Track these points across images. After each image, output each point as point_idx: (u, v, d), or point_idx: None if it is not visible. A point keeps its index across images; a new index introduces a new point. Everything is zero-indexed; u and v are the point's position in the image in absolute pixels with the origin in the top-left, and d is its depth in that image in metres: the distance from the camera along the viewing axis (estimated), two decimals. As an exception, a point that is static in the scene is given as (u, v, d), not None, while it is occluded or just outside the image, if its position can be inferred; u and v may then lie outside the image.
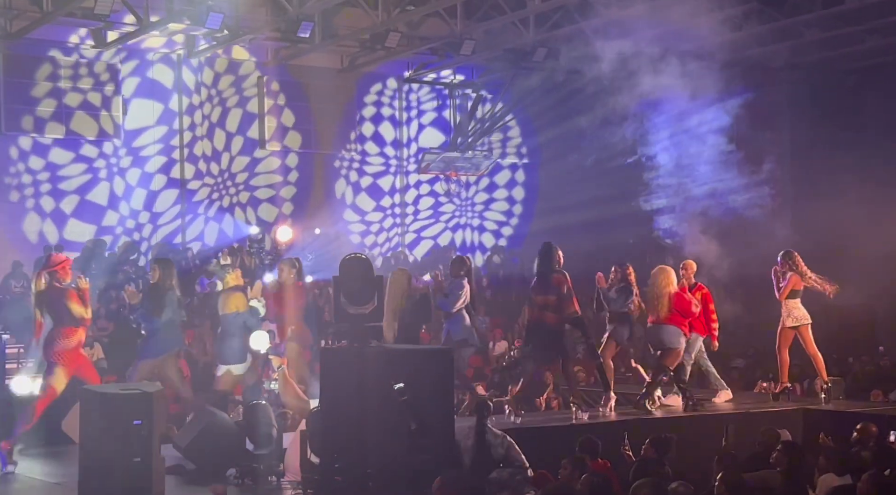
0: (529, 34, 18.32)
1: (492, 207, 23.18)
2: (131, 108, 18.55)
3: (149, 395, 6.49)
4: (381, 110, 21.54)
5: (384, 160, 21.58)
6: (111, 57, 18.25)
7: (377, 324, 6.26)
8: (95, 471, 6.50)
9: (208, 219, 19.48)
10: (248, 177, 19.90)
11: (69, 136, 17.99)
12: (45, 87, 17.70)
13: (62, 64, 17.86)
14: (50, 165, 17.93)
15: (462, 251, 22.11)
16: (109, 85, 18.30)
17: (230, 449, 8.16)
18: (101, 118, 18.27)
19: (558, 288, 9.98)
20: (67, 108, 17.93)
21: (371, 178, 21.37)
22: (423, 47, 19.90)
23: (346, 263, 6.54)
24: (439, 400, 6.00)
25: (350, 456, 6.16)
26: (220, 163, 19.59)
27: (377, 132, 21.43)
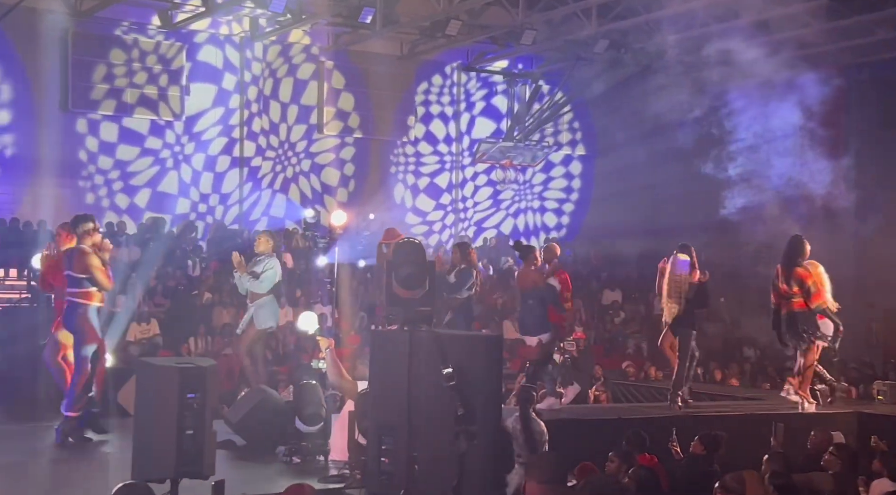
0: (591, 25, 18.19)
1: (546, 196, 23.15)
2: (193, 91, 18.85)
3: (203, 369, 6.59)
4: (439, 99, 21.59)
5: (439, 158, 21.68)
6: (176, 38, 18.55)
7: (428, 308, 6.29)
8: (149, 443, 6.63)
9: (271, 199, 19.74)
10: (305, 157, 20.12)
11: (134, 115, 18.34)
12: (112, 66, 18.05)
13: (129, 43, 18.20)
14: (113, 145, 18.29)
15: (526, 235, 22.23)
16: (174, 65, 18.62)
17: (280, 426, 8.29)
18: (166, 98, 18.60)
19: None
20: (133, 87, 18.27)
21: (428, 178, 21.50)
22: (483, 36, 19.88)
23: (397, 248, 6.59)
24: (487, 387, 6.00)
25: (397, 438, 6.20)
26: (278, 135, 19.81)
27: (429, 131, 21.53)
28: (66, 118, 17.74)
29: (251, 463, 7.99)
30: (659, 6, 16.82)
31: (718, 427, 8.47)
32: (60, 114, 17.63)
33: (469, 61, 21.52)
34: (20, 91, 17.33)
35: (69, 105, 17.74)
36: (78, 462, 8.03)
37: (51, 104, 17.49)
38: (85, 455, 8.23)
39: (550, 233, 23.05)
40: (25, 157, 17.27)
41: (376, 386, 6.52)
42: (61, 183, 17.33)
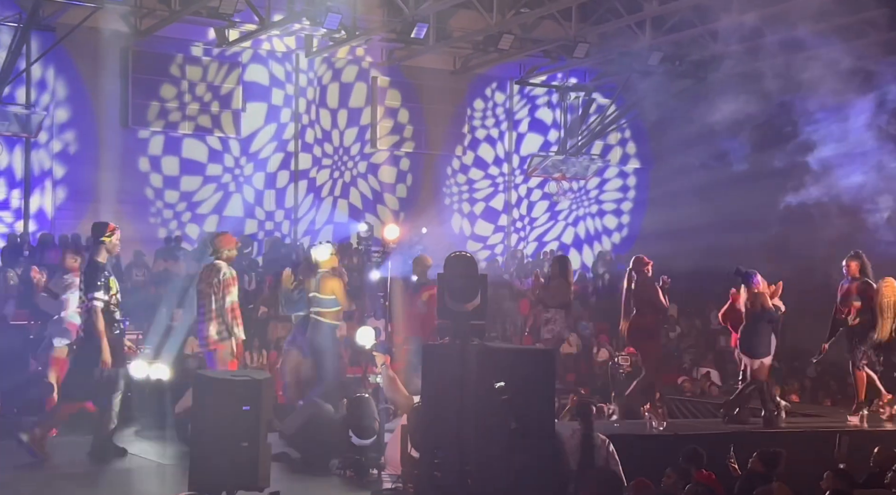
0: (645, 37, 18.08)
1: (602, 199, 23.08)
2: (249, 108, 19.14)
3: (258, 382, 6.68)
4: (493, 112, 21.64)
5: (491, 181, 21.72)
6: (232, 55, 18.85)
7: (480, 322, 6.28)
8: (205, 455, 6.72)
9: (330, 215, 19.95)
10: (361, 159, 20.27)
11: (194, 132, 18.67)
12: (171, 83, 18.39)
13: (187, 62, 18.53)
14: (175, 166, 18.60)
15: (588, 241, 22.20)
16: (230, 82, 18.91)
17: (334, 440, 8.33)
18: (223, 115, 18.90)
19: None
20: (191, 104, 18.59)
21: (483, 203, 21.56)
22: (535, 50, 19.89)
23: (450, 261, 6.60)
24: (540, 401, 5.99)
25: (450, 452, 6.20)
26: (332, 142, 20.00)
27: (479, 156, 21.52)
28: (126, 135, 18.11)
29: (305, 476, 8.05)
30: (714, 17, 16.67)
31: (778, 443, 8.30)
32: (121, 131, 18.01)
33: (522, 75, 21.52)
34: (81, 109, 17.74)
35: (129, 122, 18.11)
36: (138, 473, 8.16)
37: (111, 121, 17.87)
38: (144, 466, 8.35)
39: (612, 235, 22.95)
40: (86, 174, 17.65)
41: (429, 399, 6.53)
42: (121, 199, 17.67)
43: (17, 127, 16.62)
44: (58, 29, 16.52)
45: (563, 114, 22.21)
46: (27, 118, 16.72)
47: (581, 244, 22.61)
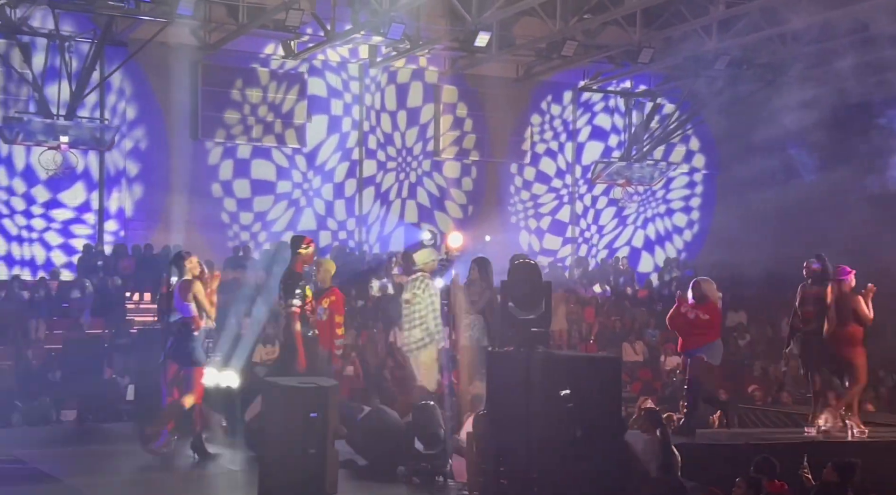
0: (712, 41, 17.86)
1: (670, 199, 22.86)
2: (314, 119, 19.38)
3: (324, 389, 6.75)
4: (559, 118, 21.58)
5: (555, 193, 21.65)
6: (298, 67, 19.12)
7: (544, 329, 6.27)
8: (274, 461, 6.81)
9: (397, 225, 20.11)
10: (424, 157, 20.35)
11: (261, 145, 18.98)
12: (239, 95, 18.73)
13: (254, 74, 18.85)
14: (242, 170, 18.93)
15: (659, 242, 21.97)
16: (296, 93, 19.18)
17: (400, 447, 8.37)
18: (290, 126, 19.18)
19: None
20: (258, 117, 18.91)
21: (549, 218, 21.51)
22: (599, 55, 19.78)
23: (514, 268, 6.60)
24: (606, 409, 5.95)
25: (515, 459, 6.19)
26: (394, 144, 20.15)
27: (541, 171, 21.46)
28: (196, 147, 18.48)
29: (372, 483, 8.09)
30: (783, 19, 16.39)
31: (853, 453, 8.09)
32: (191, 142, 18.38)
33: (585, 81, 21.42)
34: (153, 121, 18.16)
35: (199, 134, 18.48)
36: (208, 479, 8.30)
37: (182, 133, 18.26)
38: (214, 472, 8.49)
39: (683, 233, 22.69)
40: (158, 185, 18.05)
41: (493, 407, 6.53)
42: (191, 209, 18.03)
43: (91, 139, 17.09)
44: (130, 44, 16.95)
45: (627, 119, 22.04)
46: (101, 131, 17.17)
47: (652, 246, 22.42)
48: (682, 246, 22.88)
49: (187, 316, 8.76)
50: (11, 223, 17.24)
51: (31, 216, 17.37)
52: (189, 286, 8.77)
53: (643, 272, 21.79)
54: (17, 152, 17.09)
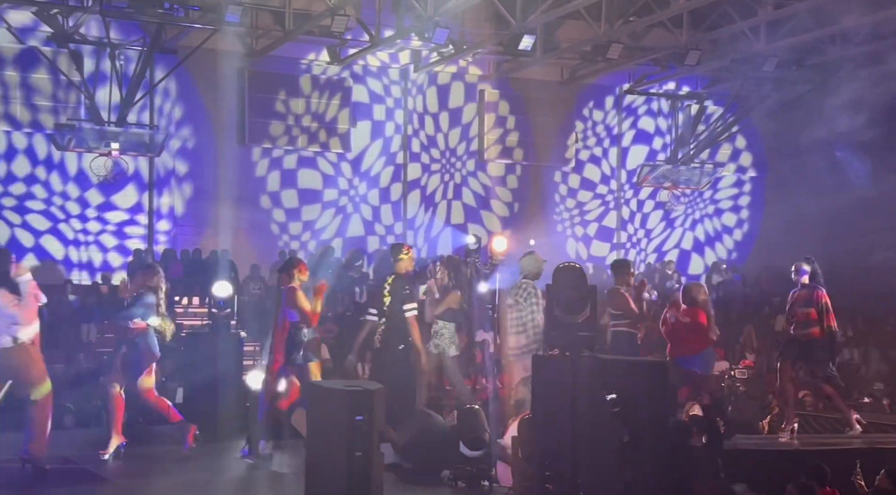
0: (760, 43, 17.64)
1: (718, 199, 22.64)
2: (359, 124, 19.50)
3: (370, 392, 6.78)
4: (592, 133, 21.50)
5: (600, 200, 21.55)
6: (343, 73, 19.25)
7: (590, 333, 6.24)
8: (320, 464, 6.86)
9: (443, 228, 20.16)
10: (468, 171, 20.40)
11: (307, 150, 19.14)
12: (284, 101, 18.91)
13: (299, 80, 19.02)
14: (288, 179, 19.08)
15: (708, 243, 21.73)
16: (341, 99, 19.32)
17: (444, 451, 8.38)
18: (335, 131, 19.32)
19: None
20: (304, 123, 19.07)
21: (596, 224, 21.41)
22: (645, 58, 19.64)
23: (559, 272, 6.58)
24: (653, 414, 5.89)
25: (561, 464, 6.17)
26: (438, 146, 20.19)
27: (585, 178, 21.39)
28: (244, 152, 18.68)
29: (417, 487, 8.11)
30: (833, 20, 16.14)
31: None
32: (238, 148, 18.59)
33: (630, 84, 21.29)
34: (201, 128, 18.40)
35: (246, 140, 18.69)
36: (255, 481, 8.38)
37: (229, 139, 18.49)
38: (262, 475, 8.57)
39: (733, 232, 22.44)
40: (206, 190, 18.29)
41: (539, 411, 6.51)
42: (239, 214, 18.23)
43: (141, 146, 17.36)
44: (179, 51, 17.20)
45: (674, 122, 21.86)
46: (151, 137, 17.44)
47: (702, 247, 22.22)
48: (732, 245, 22.63)
49: (293, 320, 9.01)
50: (68, 227, 17.57)
51: (86, 220, 17.69)
52: (295, 292, 9.04)
53: (694, 274, 21.58)
54: (70, 157, 17.43)
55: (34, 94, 17.11)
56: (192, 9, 16.17)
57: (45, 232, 17.38)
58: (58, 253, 17.50)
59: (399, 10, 17.41)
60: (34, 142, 17.29)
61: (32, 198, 17.28)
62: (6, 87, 16.99)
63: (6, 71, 16.92)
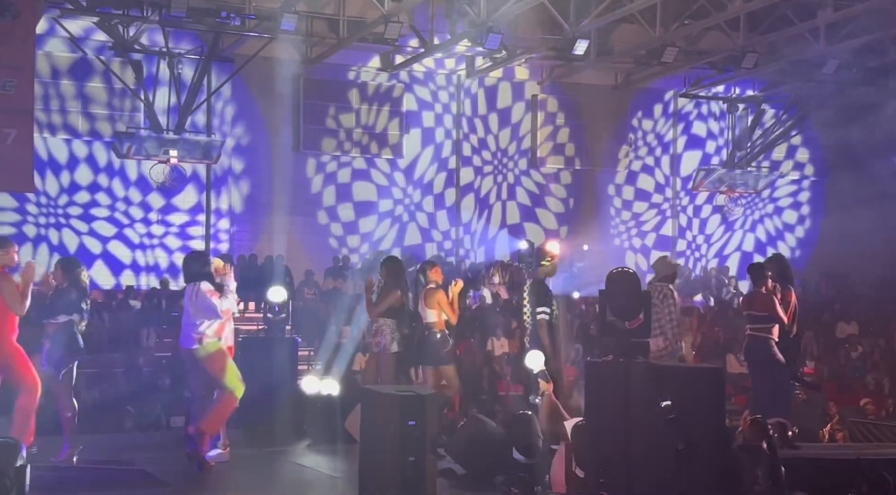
0: (820, 45, 17.34)
1: (776, 197, 22.32)
2: (412, 130, 19.58)
3: (422, 397, 6.78)
4: (643, 143, 21.32)
5: (656, 210, 21.34)
6: (396, 79, 19.36)
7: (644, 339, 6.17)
8: (373, 468, 6.88)
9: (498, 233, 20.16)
10: (520, 170, 20.34)
11: (360, 156, 19.27)
12: (338, 108, 19.06)
13: (353, 87, 19.17)
14: (344, 193, 19.25)
15: (770, 243, 21.46)
16: (394, 106, 19.43)
17: (498, 457, 8.33)
18: (387, 137, 19.43)
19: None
20: (357, 129, 19.21)
21: (654, 234, 21.21)
22: (701, 61, 19.43)
23: (613, 277, 6.52)
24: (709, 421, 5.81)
25: (615, 472, 6.11)
26: (489, 148, 20.18)
27: (640, 188, 21.28)
28: (298, 158, 18.88)
29: (470, 493, 8.08)
30: (894, 22, 15.81)
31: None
32: (293, 154, 18.79)
33: (686, 88, 21.07)
34: (256, 134, 18.65)
35: (300, 146, 18.87)
36: (310, 486, 8.43)
37: (284, 145, 18.69)
38: (317, 478, 8.62)
39: (795, 229, 22.10)
40: (262, 196, 18.52)
41: (592, 418, 6.46)
42: (293, 220, 18.42)
43: (198, 153, 17.65)
44: (235, 59, 17.45)
45: (730, 126, 21.58)
46: (208, 144, 17.72)
47: (763, 248, 21.91)
48: (794, 243, 22.27)
49: (430, 320, 9.45)
50: (133, 232, 17.93)
51: (150, 223, 18.02)
52: (433, 294, 9.43)
53: None
54: (129, 163, 17.78)
55: (90, 102, 17.48)
56: (249, 17, 16.41)
57: (111, 238, 17.75)
58: (125, 257, 17.86)
59: (452, 17, 17.46)
60: (94, 151, 17.66)
61: (97, 205, 17.67)
62: (63, 96, 17.36)
63: (62, 80, 17.28)
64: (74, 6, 16.13)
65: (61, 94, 17.35)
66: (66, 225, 17.48)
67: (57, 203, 17.42)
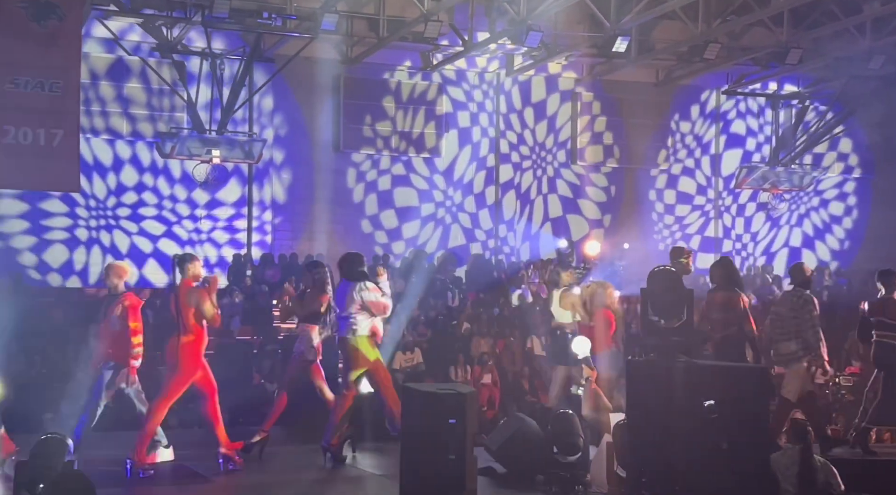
0: (866, 40, 17.05)
1: (825, 209, 22.06)
2: (450, 130, 19.59)
3: (463, 396, 6.79)
4: (682, 146, 21.13)
5: (699, 212, 21.15)
6: (432, 77, 19.37)
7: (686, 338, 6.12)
8: (415, 466, 6.90)
9: (544, 216, 20.09)
10: (560, 172, 20.32)
11: (400, 155, 19.31)
12: (378, 108, 19.13)
13: (393, 86, 19.22)
14: (386, 200, 19.23)
15: (819, 236, 21.29)
16: (433, 104, 19.45)
17: (538, 455, 8.32)
18: (427, 137, 19.45)
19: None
20: (399, 128, 19.26)
21: (699, 236, 21.05)
22: (744, 58, 19.21)
23: (654, 276, 6.47)
24: (753, 421, 5.74)
25: (657, 471, 6.06)
26: (526, 143, 20.13)
27: (681, 192, 21.09)
28: (339, 159, 18.96)
29: (511, 491, 8.08)
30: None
31: None
32: (333, 154, 18.88)
33: (728, 85, 20.85)
34: (297, 135, 18.76)
35: (341, 146, 18.97)
36: (352, 483, 8.48)
37: (325, 146, 18.79)
38: (360, 476, 8.67)
39: (842, 221, 21.83)
40: (302, 196, 18.63)
41: (634, 417, 6.42)
42: (334, 219, 18.51)
43: (240, 154, 17.80)
44: (276, 60, 17.57)
45: (774, 123, 21.32)
46: (250, 145, 17.87)
47: (812, 242, 21.62)
48: (843, 234, 21.95)
49: (563, 321, 10.00)
50: (181, 229, 18.13)
51: (197, 219, 18.20)
52: (568, 296, 9.92)
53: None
54: (172, 162, 17.97)
55: (130, 103, 17.68)
56: (290, 18, 16.51)
57: (160, 236, 17.96)
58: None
59: (492, 15, 17.42)
60: (137, 151, 17.87)
61: (144, 204, 17.89)
62: (102, 98, 17.55)
63: (100, 82, 17.44)
64: (119, 8, 16.34)
65: (101, 95, 17.57)
66: (117, 226, 17.73)
67: (106, 205, 17.67)
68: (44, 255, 17.17)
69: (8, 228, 16.88)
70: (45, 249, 17.19)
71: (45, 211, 17.16)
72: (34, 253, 17.10)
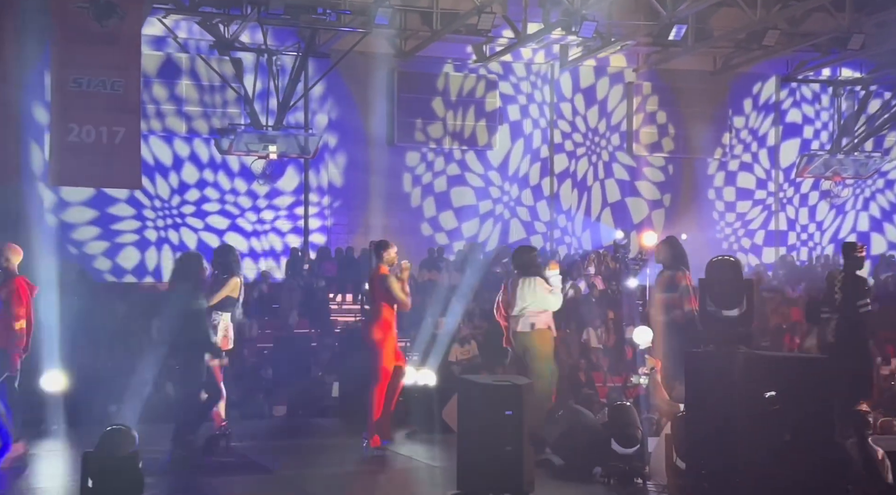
0: (930, 23, 16.63)
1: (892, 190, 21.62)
2: (504, 124, 19.54)
3: (519, 387, 6.77)
4: (737, 141, 20.78)
5: (761, 206, 20.80)
6: (490, 70, 19.34)
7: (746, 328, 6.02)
8: (472, 457, 6.91)
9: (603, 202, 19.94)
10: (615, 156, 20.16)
11: (453, 149, 19.32)
12: (432, 101, 19.15)
13: (448, 79, 19.23)
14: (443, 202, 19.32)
15: (887, 218, 21.07)
16: (487, 96, 19.41)
17: (596, 447, 8.26)
18: (481, 130, 19.42)
19: None
20: (452, 122, 19.27)
21: (762, 231, 20.75)
22: (804, 44, 18.83)
23: (713, 265, 6.38)
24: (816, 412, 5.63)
25: (718, 463, 5.98)
26: (579, 130, 19.96)
27: (741, 188, 20.83)
28: (393, 153, 19.04)
29: (569, 483, 8.03)
30: None
31: None
32: (388, 148, 18.96)
33: (788, 72, 20.46)
34: (353, 129, 18.88)
35: (395, 140, 19.03)
36: (408, 475, 8.52)
37: (379, 140, 18.88)
38: (415, 467, 8.71)
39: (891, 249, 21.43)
40: (358, 190, 18.76)
41: (693, 408, 6.34)
42: (389, 213, 18.59)
43: (296, 148, 17.97)
44: (331, 55, 17.69)
45: (836, 110, 20.87)
46: (305, 140, 18.03)
47: (880, 225, 21.16)
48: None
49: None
50: (245, 221, 18.39)
51: (259, 210, 18.42)
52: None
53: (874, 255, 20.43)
54: (230, 157, 18.21)
55: (183, 101, 17.94)
56: (344, 13, 16.61)
57: (226, 230, 18.23)
58: (241, 246, 18.27)
59: (545, 6, 17.33)
60: (195, 148, 18.14)
61: (207, 200, 18.17)
62: (156, 97, 17.78)
63: (153, 79, 17.61)
64: (177, 6, 16.58)
65: (154, 95, 17.78)
66: (183, 224, 18.04)
67: (171, 204, 17.98)
68: (117, 258, 17.54)
69: (80, 236, 17.26)
70: (118, 253, 17.55)
71: (113, 215, 17.50)
72: (107, 257, 17.47)
